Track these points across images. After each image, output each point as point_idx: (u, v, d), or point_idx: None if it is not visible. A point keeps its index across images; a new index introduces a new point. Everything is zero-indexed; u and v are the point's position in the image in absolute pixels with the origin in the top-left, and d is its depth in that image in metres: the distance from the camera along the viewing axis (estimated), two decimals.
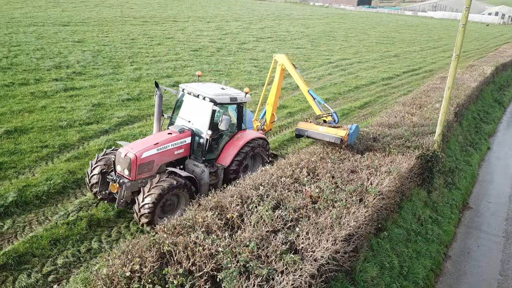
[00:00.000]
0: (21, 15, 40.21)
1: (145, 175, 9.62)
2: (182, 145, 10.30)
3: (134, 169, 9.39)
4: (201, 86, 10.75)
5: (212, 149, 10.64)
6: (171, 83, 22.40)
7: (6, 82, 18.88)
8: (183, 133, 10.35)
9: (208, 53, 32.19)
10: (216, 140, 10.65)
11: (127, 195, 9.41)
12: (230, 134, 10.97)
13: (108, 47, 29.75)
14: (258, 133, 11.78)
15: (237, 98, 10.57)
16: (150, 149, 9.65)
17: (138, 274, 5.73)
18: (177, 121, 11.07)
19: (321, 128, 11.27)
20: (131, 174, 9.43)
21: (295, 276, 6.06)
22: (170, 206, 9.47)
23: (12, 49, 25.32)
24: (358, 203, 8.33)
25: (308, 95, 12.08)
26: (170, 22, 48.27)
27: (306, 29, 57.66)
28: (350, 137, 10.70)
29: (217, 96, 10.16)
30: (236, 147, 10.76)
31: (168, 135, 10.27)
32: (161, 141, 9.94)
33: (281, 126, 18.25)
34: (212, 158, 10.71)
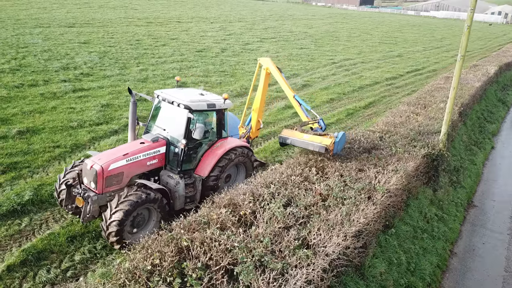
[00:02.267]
0: (27, 16, 40.55)
1: (113, 188, 9.00)
2: (156, 155, 9.68)
3: (101, 182, 8.77)
4: (178, 92, 10.14)
5: (189, 159, 10.01)
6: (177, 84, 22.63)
7: (16, 83, 19.18)
8: (156, 142, 9.74)
9: (212, 54, 32.45)
10: (193, 149, 10.00)
11: (94, 210, 8.81)
12: (209, 142, 10.36)
13: (114, 48, 30.04)
14: (240, 141, 11.12)
15: (215, 105, 9.92)
16: (119, 160, 9.01)
17: (158, 268, 5.98)
18: (153, 129, 10.47)
19: (306, 136, 10.57)
20: (98, 187, 8.81)
21: (308, 270, 6.29)
22: (141, 221, 8.89)
23: (20, 51, 25.64)
24: (366, 200, 8.55)
25: (294, 101, 11.43)
26: (174, 23, 48.56)
27: (309, 29, 57.85)
28: (336, 145, 10.03)
29: (192, 102, 9.52)
30: (215, 157, 10.10)
31: (140, 145, 9.63)
32: (131, 152, 9.31)
33: (287, 126, 18.45)
34: (189, 169, 10.08)
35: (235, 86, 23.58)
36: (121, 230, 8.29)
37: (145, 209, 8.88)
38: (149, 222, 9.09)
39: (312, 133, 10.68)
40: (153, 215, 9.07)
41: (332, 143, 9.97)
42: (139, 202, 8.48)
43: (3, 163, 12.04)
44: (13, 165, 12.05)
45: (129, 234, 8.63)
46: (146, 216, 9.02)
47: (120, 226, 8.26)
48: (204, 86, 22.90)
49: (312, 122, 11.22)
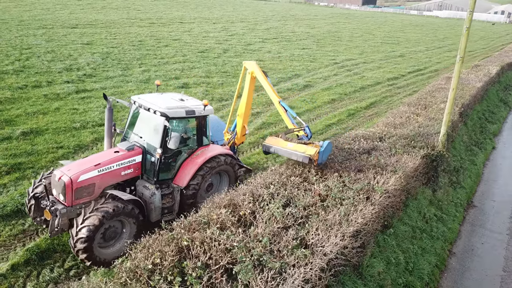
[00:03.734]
0: (30, 17, 40.84)
1: (84, 200, 8.53)
2: (131, 165, 9.21)
3: (70, 194, 8.30)
4: (156, 98, 9.66)
5: (167, 168, 9.57)
6: (179, 84, 22.84)
7: (19, 84, 19.38)
8: (132, 151, 9.28)
9: (214, 55, 32.61)
10: (171, 158, 9.54)
11: (63, 223, 8.32)
12: (189, 150, 9.89)
13: (116, 49, 30.24)
14: (222, 149, 10.62)
15: (194, 111, 9.42)
16: (89, 171, 8.54)
17: (159, 267, 6.12)
18: (130, 137, 10.01)
19: (290, 145, 10.09)
20: (67, 200, 8.34)
21: (306, 269, 6.41)
22: (113, 234, 8.50)
23: (23, 52, 25.87)
24: (365, 201, 8.66)
25: (280, 107, 10.92)
26: (176, 24, 48.76)
27: (311, 29, 57.95)
28: (320, 155, 9.51)
29: (169, 109, 9.02)
30: (195, 166, 9.61)
31: (114, 154, 9.18)
32: (103, 162, 8.84)
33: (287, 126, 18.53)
34: (167, 178, 9.63)
35: (237, 87, 23.63)
36: (89, 247, 7.90)
37: (118, 221, 8.51)
38: (123, 235, 8.68)
39: (296, 141, 10.19)
40: (127, 227, 8.66)
41: (316, 153, 9.45)
42: (107, 216, 8.07)
43: (7, 163, 12.22)
44: (17, 165, 12.22)
45: (101, 249, 8.29)
46: (120, 228, 8.62)
47: (87, 243, 7.86)
48: (205, 86, 23.05)
49: (297, 130, 10.75)
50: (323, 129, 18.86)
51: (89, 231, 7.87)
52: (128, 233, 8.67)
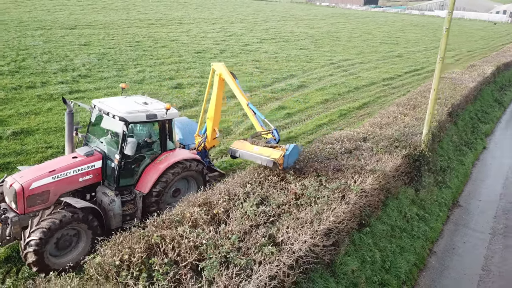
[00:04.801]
0: (30, 18, 41.16)
1: (38, 208, 8.26)
2: (90, 171, 8.99)
3: (21, 201, 8.06)
4: (117, 102, 9.46)
5: (129, 174, 9.35)
6: (173, 85, 23.03)
7: (14, 85, 19.62)
8: (91, 156, 9.07)
9: (211, 55, 32.79)
10: (133, 163, 9.30)
11: (15, 231, 8.08)
12: (152, 156, 9.65)
13: (113, 50, 30.48)
14: (189, 154, 10.34)
15: (156, 115, 9.18)
16: (43, 178, 8.30)
17: (127, 263, 6.28)
18: (91, 141, 9.83)
19: (256, 148, 9.88)
20: (19, 207, 8.10)
21: (272, 266, 6.56)
22: (67, 243, 8.28)
23: (20, 53, 26.13)
24: (340, 200, 8.79)
25: (248, 110, 10.63)
26: (175, 25, 48.97)
27: (310, 29, 58.04)
28: (286, 158, 9.29)
29: (129, 114, 8.80)
30: (157, 171, 9.35)
31: (72, 160, 8.96)
32: (59, 168, 8.61)
33: (278, 127, 18.70)
34: (129, 184, 9.40)
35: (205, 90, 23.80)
36: (39, 252, 7.67)
37: (73, 229, 8.26)
38: (79, 243, 8.49)
39: (263, 144, 9.92)
40: (83, 235, 8.44)
41: (281, 157, 9.24)
42: (60, 223, 7.85)
43: None
44: (6, 165, 12.44)
45: (54, 258, 8.11)
46: (75, 238, 8.41)
47: (38, 246, 7.63)
48: (199, 87, 23.22)
49: (266, 133, 10.43)
50: (314, 129, 19.00)
51: (40, 238, 7.60)
52: (84, 241, 8.45)
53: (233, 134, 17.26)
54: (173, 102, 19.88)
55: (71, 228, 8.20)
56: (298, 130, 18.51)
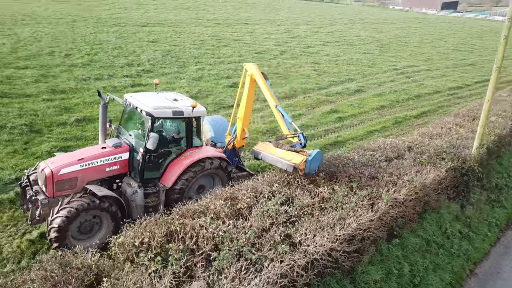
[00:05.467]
0: (108, 16, 44.34)
1: (66, 192, 8.74)
2: (117, 161, 9.36)
3: (51, 185, 8.61)
4: (147, 97, 9.79)
5: (155, 167, 9.64)
6: (229, 83, 23.64)
7: (84, 76, 21.36)
8: (119, 148, 9.44)
9: (271, 56, 33.13)
10: (159, 157, 9.61)
11: (44, 213, 8.57)
12: (178, 151, 9.87)
13: (178, 47, 31.92)
14: (214, 151, 10.43)
15: (183, 112, 9.34)
16: (72, 165, 8.80)
17: (145, 245, 6.70)
18: (121, 133, 10.23)
19: (279, 151, 9.77)
20: (48, 191, 8.67)
21: (283, 265, 6.64)
22: (89, 228, 8.68)
23: (94, 47, 28.32)
24: (368, 207, 8.60)
25: (276, 111, 10.46)
26: (241, 25, 50.03)
27: (378, 33, 56.37)
28: (308, 164, 9.12)
29: (155, 109, 9.06)
30: (181, 167, 9.56)
31: (101, 150, 9.40)
32: (87, 157, 9.08)
33: (326, 130, 18.53)
34: (154, 177, 9.69)
35: (284, 88, 24.02)
36: (61, 237, 8.16)
37: (95, 216, 8.68)
38: (101, 230, 8.85)
39: (287, 148, 9.83)
40: (105, 223, 8.82)
41: (303, 162, 9.10)
42: (80, 209, 8.27)
43: (58, 146, 13.67)
44: (66, 148, 13.62)
45: (75, 240, 8.47)
46: (97, 224, 8.82)
47: (59, 232, 8.11)
48: None
49: (292, 136, 10.23)
50: (364, 135, 18.55)
51: (61, 222, 8.10)
52: (105, 228, 8.82)
53: (278, 135, 17.36)
54: (226, 100, 20.46)
55: (93, 214, 8.59)
56: (347, 135, 18.18)
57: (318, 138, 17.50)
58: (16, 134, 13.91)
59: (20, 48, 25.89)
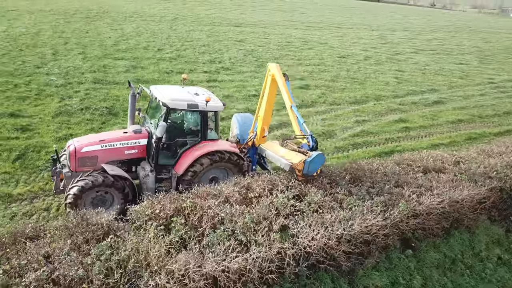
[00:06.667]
0: (206, 15, 47.53)
1: (87, 169, 9.69)
2: (135, 146, 10.18)
3: (74, 161, 9.64)
4: (169, 89, 10.56)
5: (171, 155, 10.44)
6: (301, 85, 24.12)
7: (167, 69, 23.61)
8: (138, 134, 10.26)
9: (353, 61, 32.75)
10: (175, 146, 10.41)
11: (67, 184, 9.57)
12: (192, 142, 10.48)
13: (262, 48, 33.19)
14: (228, 146, 10.80)
15: (198, 105, 9.92)
16: (93, 145, 9.81)
17: (155, 216, 7.72)
18: (146, 121, 11.06)
19: (282, 151, 9.94)
20: (71, 166, 9.71)
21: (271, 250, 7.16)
22: (100, 202, 9.46)
23: (184, 44, 30.86)
24: (378, 213, 8.63)
25: (291, 112, 10.50)
26: (332, 28, 49.88)
27: (484, 43, 51.87)
28: (306, 165, 9.17)
29: (171, 100, 9.77)
30: (192, 157, 10.11)
31: (122, 134, 10.33)
32: (108, 139, 10.02)
33: (387, 138, 18.10)
34: (168, 164, 10.37)
35: (357, 93, 23.80)
36: (75, 203, 9.09)
37: (107, 192, 9.56)
38: (112, 206, 9.61)
39: (290, 148, 10.01)
40: (116, 200, 9.64)
41: (301, 162, 9.21)
42: (95, 183, 9.19)
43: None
44: None
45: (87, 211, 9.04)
46: (109, 198, 9.68)
47: (74, 199, 9.08)
48: (325, 90, 23.77)
49: (301, 137, 10.22)
50: (427, 148, 17.68)
51: (77, 191, 9.11)
52: (116, 205, 9.62)
53: (335, 138, 17.49)
54: None
55: (105, 190, 9.54)
56: (408, 146, 17.55)
57: (374, 146, 17.22)
58: (97, 115, 16.15)
59: (121, 41, 29.36)
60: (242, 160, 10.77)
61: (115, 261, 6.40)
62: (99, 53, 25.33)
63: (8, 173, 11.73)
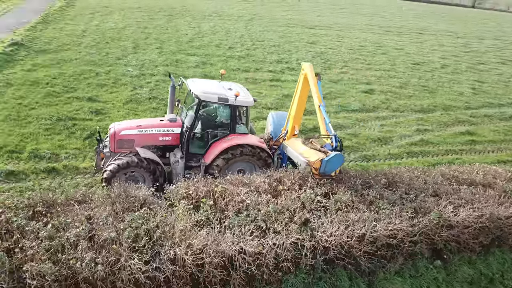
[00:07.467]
0: (282, 16, 48.16)
1: (124, 151, 10.57)
2: (169, 134, 10.93)
3: (113, 142, 10.58)
4: (205, 83, 11.32)
5: (199, 144, 11.13)
6: (365, 89, 23.78)
7: (234, 67, 24.60)
8: (173, 122, 11.02)
9: (428, 68, 31.33)
10: (206, 136, 11.10)
11: (106, 163, 10.55)
12: (222, 134, 10.99)
13: (332, 50, 33.01)
14: (255, 141, 11.05)
15: (228, 100, 10.43)
16: (131, 129, 10.73)
17: (186, 195, 8.45)
18: (183, 112, 11.69)
19: (302, 148, 10.09)
20: (111, 146, 10.66)
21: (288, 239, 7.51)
22: (133, 181, 9.95)
23: (255, 43, 31.77)
24: (405, 218, 8.54)
25: (319, 111, 10.49)
26: (412, 34, 47.77)
27: None
28: (323, 164, 9.22)
29: (203, 93, 10.46)
30: (220, 148, 10.63)
31: (158, 122, 11.25)
32: (144, 125, 10.96)
33: (448, 150, 17.29)
34: (199, 153, 11.02)
35: (424, 102, 22.91)
36: (110, 179, 9.95)
37: (138, 173, 10.41)
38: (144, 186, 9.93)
39: (311, 146, 10.17)
40: (147, 181, 10.37)
41: (318, 161, 9.30)
42: (130, 163, 10.08)
43: None
44: None
45: None
46: (140, 179, 10.43)
47: (109, 176, 9.99)
48: (390, 95, 23.16)
49: (325, 137, 10.27)
50: (493, 163, 16.61)
51: (112, 168, 10.09)
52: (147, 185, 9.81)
53: (390, 145, 17.11)
54: (352, 104, 20.85)
55: (138, 171, 10.41)
56: (470, 159, 16.62)
57: (431, 156, 16.59)
58: (162, 105, 17.46)
59: (196, 38, 31.06)
60: (268, 156, 11.02)
61: (143, 229, 7.20)
62: (174, 49, 27.12)
63: (78, 149, 13.34)
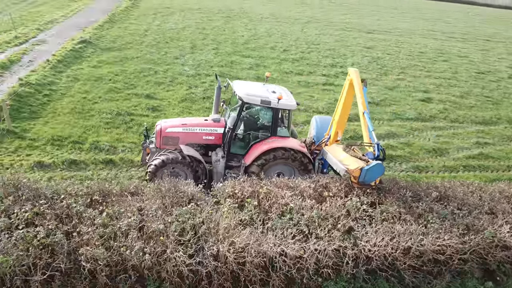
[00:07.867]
0: (339, 20, 47.44)
1: (169, 147, 10.86)
2: (213, 133, 11.17)
3: (159, 139, 10.96)
4: (249, 86, 11.42)
5: (240, 145, 11.26)
6: (422, 97, 22.89)
7: (287, 70, 24.65)
8: (217, 122, 11.27)
9: (493, 78, 29.55)
10: (247, 137, 11.21)
11: (151, 158, 10.96)
12: (263, 136, 11.04)
13: (390, 56, 32.07)
14: (296, 144, 10.99)
15: (270, 102, 10.45)
16: (176, 127, 11.09)
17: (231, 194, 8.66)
18: (227, 112, 11.89)
19: (343, 155, 9.95)
20: (157, 142, 11.05)
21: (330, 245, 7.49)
22: (176, 177, 9.82)
23: (311, 46, 31.63)
24: (458, 235, 8.19)
25: (363, 118, 10.19)
26: (478, 41, 45.24)
27: None
28: (363, 173, 9.04)
29: (246, 95, 10.53)
30: (259, 150, 10.69)
31: (202, 121, 11.49)
32: (189, 123, 11.28)
33: (510, 166, 16.22)
34: (239, 154, 11.15)
35: (486, 113, 21.67)
36: (154, 173, 10.31)
37: (181, 169, 10.60)
38: None
39: (352, 154, 10.04)
40: (189, 177, 10.52)
41: (358, 169, 9.11)
42: (174, 159, 10.34)
43: None
44: None
45: None
46: (183, 176, 10.54)
47: (153, 170, 10.31)
48: (449, 105, 22.15)
49: (368, 145, 9.97)
50: None
51: (157, 162, 10.38)
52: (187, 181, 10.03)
53: (446, 157, 16.38)
54: (407, 112, 20.18)
55: (180, 168, 10.62)
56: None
57: (490, 171, 15.66)
58: None
59: (252, 40, 31.46)
60: (308, 160, 10.92)
61: (190, 224, 7.49)
62: (230, 50, 27.68)
63: (134, 143, 14.04)
